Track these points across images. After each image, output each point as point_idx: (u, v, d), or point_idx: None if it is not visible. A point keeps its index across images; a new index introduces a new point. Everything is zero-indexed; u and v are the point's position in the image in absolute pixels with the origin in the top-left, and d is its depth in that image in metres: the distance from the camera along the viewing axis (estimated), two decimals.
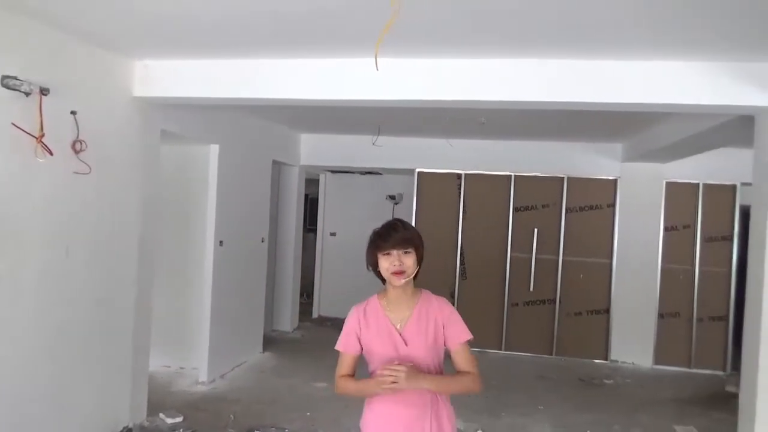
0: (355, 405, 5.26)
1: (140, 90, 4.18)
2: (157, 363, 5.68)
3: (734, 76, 3.46)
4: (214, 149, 5.57)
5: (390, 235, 2.15)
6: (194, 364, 5.77)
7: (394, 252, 2.14)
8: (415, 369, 2.09)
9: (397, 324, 2.20)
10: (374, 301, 2.26)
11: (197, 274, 5.74)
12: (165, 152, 4.82)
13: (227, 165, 5.73)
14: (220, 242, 5.68)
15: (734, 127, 4.24)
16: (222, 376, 5.87)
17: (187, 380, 5.69)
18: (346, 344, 2.25)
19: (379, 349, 2.19)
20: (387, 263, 2.14)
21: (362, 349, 2.24)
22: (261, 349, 6.86)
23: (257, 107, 5.73)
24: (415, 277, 2.19)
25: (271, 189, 7.09)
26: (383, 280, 2.22)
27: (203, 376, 5.62)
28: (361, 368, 2.29)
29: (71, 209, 3.68)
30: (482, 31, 3.18)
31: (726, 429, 4.72)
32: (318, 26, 3.21)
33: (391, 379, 2.02)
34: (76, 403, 3.84)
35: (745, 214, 5.24)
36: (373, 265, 2.20)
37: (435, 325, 2.19)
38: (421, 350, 2.16)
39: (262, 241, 6.79)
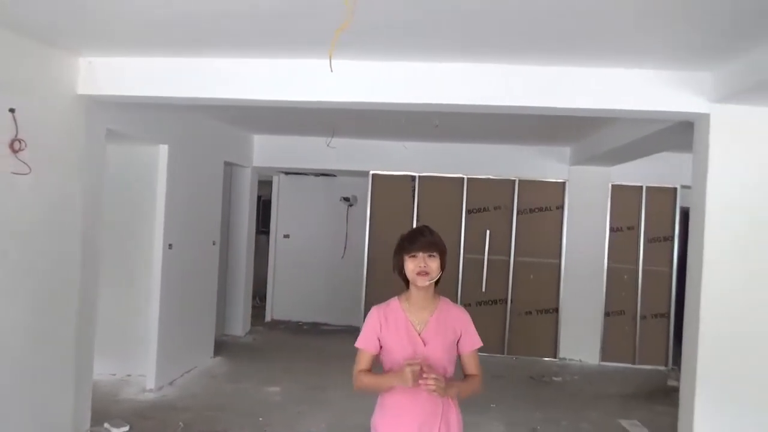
0: (309, 410, 5.23)
1: (84, 88, 4.03)
2: (103, 370, 5.48)
3: (675, 85, 3.62)
4: (163, 150, 5.43)
5: (417, 239, 2.30)
6: (141, 371, 5.59)
7: (420, 254, 2.27)
8: (444, 380, 2.20)
9: (418, 326, 2.32)
10: (395, 303, 2.38)
11: (145, 277, 5.57)
12: (111, 152, 4.67)
13: (177, 166, 5.59)
14: (170, 245, 5.53)
15: (675, 133, 4.43)
16: (171, 383, 5.71)
17: (133, 388, 5.51)
18: (366, 342, 2.36)
19: (397, 348, 2.30)
20: (413, 265, 2.27)
21: (381, 347, 2.34)
22: (212, 354, 6.72)
23: (208, 107, 5.60)
24: (436, 283, 2.33)
25: (223, 191, 6.97)
26: (406, 285, 2.35)
27: (151, 383, 5.46)
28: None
29: (9, 211, 3.50)
30: (436, 35, 3.21)
31: (667, 421, 4.92)
32: (271, 26, 3.17)
33: (432, 386, 2.11)
34: (13, 414, 3.65)
35: (685, 215, 5.49)
36: (399, 267, 2.32)
37: (453, 331, 2.34)
38: (438, 351, 2.29)
39: (214, 244, 6.65)
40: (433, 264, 2.28)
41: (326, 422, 4.93)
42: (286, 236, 9.11)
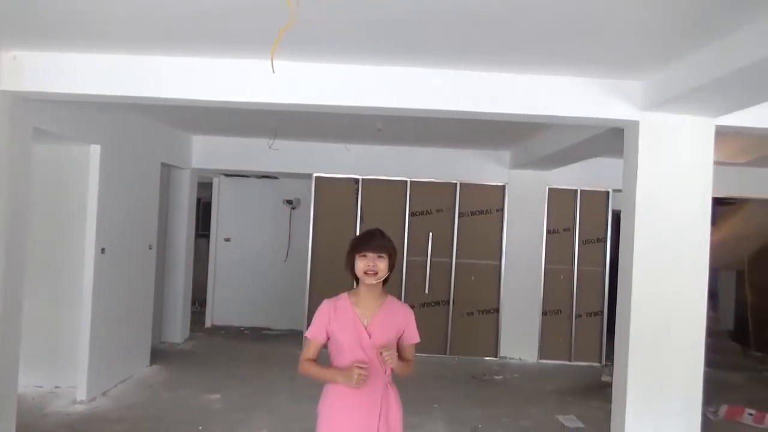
0: (251, 416, 5.12)
1: (8, 83, 3.79)
2: (29, 383, 5.20)
3: (607, 93, 3.78)
4: (95, 150, 5.19)
5: (369, 240, 2.49)
6: (71, 382, 5.32)
7: (370, 255, 2.46)
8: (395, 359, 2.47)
9: (364, 320, 2.50)
10: (344, 298, 2.56)
11: (76, 284, 5.31)
12: (38, 152, 4.42)
13: (110, 167, 5.36)
14: (102, 250, 5.30)
15: (607, 139, 4.63)
16: (104, 394, 5.46)
17: (63, 400, 5.23)
18: (315, 333, 2.53)
19: (344, 339, 2.48)
20: (362, 264, 2.46)
21: (328, 338, 2.52)
22: (148, 363, 6.48)
23: (144, 106, 5.40)
24: (385, 282, 2.53)
25: (161, 193, 6.74)
26: (356, 282, 2.54)
27: (82, 395, 5.20)
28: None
29: None
30: (378, 39, 3.23)
31: (602, 415, 5.12)
32: (211, 24, 3.10)
33: (362, 376, 2.35)
34: None
35: (617, 217, 5.75)
36: (351, 265, 2.51)
37: (397, 326, 2.55)
38: (382, 344, 2.46)
39: (150, 248, 6.42)
40: (381, 264, 2.46)
41: (268, 428, 4.85)
42: (227, 239, 8.92)
